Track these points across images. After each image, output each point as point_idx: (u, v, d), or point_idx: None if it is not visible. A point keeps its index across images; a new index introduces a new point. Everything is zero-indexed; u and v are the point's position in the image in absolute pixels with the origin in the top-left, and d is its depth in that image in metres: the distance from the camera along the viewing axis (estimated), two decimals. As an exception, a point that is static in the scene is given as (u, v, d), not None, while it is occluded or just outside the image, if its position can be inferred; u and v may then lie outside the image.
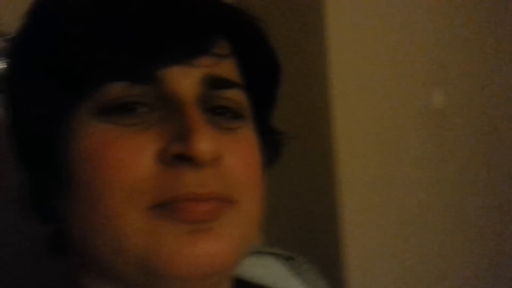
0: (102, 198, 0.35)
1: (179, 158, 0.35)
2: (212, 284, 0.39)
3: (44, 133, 0.39)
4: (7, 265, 0.64)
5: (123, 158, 0.34)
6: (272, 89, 0.46)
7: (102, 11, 0.35)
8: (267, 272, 0.51)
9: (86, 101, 0.36)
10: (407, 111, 1.07)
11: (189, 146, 0.34)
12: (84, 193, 0.36)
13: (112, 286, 0.39)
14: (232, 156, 0.37)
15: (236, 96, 0.40)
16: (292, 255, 0.57)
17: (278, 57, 0.44)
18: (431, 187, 1.15)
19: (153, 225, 0.34)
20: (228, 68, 0.40)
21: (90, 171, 0.35)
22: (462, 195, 1.21)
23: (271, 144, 0.46)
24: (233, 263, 0.37)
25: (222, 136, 0.38)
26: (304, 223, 1.02)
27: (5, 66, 0.42)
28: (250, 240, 0.40)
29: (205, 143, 0.33)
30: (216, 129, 0.37)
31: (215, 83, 0.38)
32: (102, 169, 0.35)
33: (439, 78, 1.11)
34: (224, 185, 0.36)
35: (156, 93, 0.36)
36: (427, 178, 1.13)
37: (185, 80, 0.36)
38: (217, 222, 0.36)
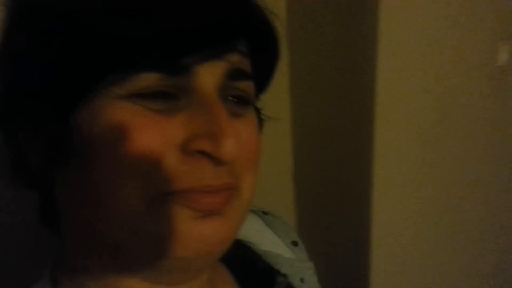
0: (120, 177, 0.36)
1: (202, 153, 0.37)
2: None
3: (62, 107, 0.37)
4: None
5: (149, 142, 0.35)
6: (271, 77, 0.49)
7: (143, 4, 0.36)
8: (245, 224, 0.55)
9: (116, 86, 0.36)
10: (472, 66, 0.99)
11: (219, 149, 0.36)
12: (102, 167, 0.36)
13: (118, 265, 0.40)
14: (240, 141, 0.39)
15: (249, 87, 0.42)
16: (267, 211, 0.62)
17: (281, 52, 0.47)
18: (489, 142, 1.08)
19: (167, 210, 0.36)
20: (246, 62, 0.42)
21: (115, 148, 0.36)
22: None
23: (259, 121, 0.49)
24: (232, 241, 0.41)
25: (234, 121, 0.40)
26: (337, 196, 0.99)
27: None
28: (244, 219, 0.43)
29: (232, 147, 0.36)
30: (229, 116, 0.39)
31: (235, 75, 0.40)
32: (127, 148, 0.35)
33: (507, 34, 0.99)
34: (234, 175, 0.39)
35: (185, 83, 0.38)
36: (485, 134, 1.07)
37: (212, 73, 0.38)
38: (225, 208, 0.39)
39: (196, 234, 0.37)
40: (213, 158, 0.36)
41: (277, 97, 1.00)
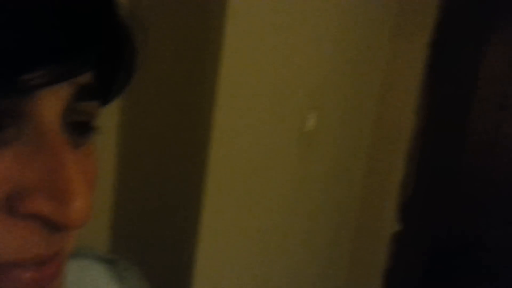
0: None
1: (36, 216, 0.25)
2: None
3: None
4: None
5: None
6: (121, 93, 0.37)
7: None
8: (80, 276, 0.45)
9: None
10: (283, 132, 1.13)
11: (64, 213, 0.25)
12: None
13: None
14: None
15: (95, 108, 0.31)
16: (114, 258, 0.50)
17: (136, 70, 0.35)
18: (293, 205, 1.25)
19: None
20: (91, 75, 0.30)
21: None
22: (318, 211, 1.34)
23: None
24: None
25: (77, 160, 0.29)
26: (164, 229, 1.01)
27: None
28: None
29: (83, 209, 0.25)
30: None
31: (82, 94, 0.28)
32: None
33: (314, 103, 1.20)
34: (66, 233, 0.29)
35: (18, 107, 0.25)
36: (290, 195, 1.23)
37: (56, 96, 0.26)
38: (55, 279, 0.28)
39: None
40: (53, 224, 0.25)
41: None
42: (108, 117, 0.95)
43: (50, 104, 0.26)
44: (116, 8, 0.30)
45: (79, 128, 0.29)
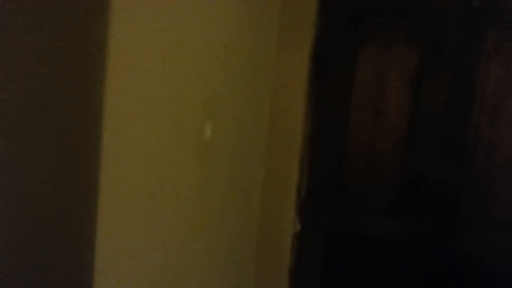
0: None
1: None
2: None
3: None
4: None
5: None
6: None
7: None
8: None
9: None
10: (182, 141, 1.17)
11: None
12: None
13: None
14: None
15: None
16: None
17: None
18: (195, 213, 1.29)
19: None
20: None
21: None
22: (221, 217, 1.39)
23: None
24: None
25: None
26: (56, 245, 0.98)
27: None
28: None
29: None
30: None
31: None
32: None
33: (210, 113, 1.26)
34: None
35: None
36: (192, 204, 1.27)
37: None
38: None
39: None
40: None
41: None
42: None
43: None
44: None
45: None
